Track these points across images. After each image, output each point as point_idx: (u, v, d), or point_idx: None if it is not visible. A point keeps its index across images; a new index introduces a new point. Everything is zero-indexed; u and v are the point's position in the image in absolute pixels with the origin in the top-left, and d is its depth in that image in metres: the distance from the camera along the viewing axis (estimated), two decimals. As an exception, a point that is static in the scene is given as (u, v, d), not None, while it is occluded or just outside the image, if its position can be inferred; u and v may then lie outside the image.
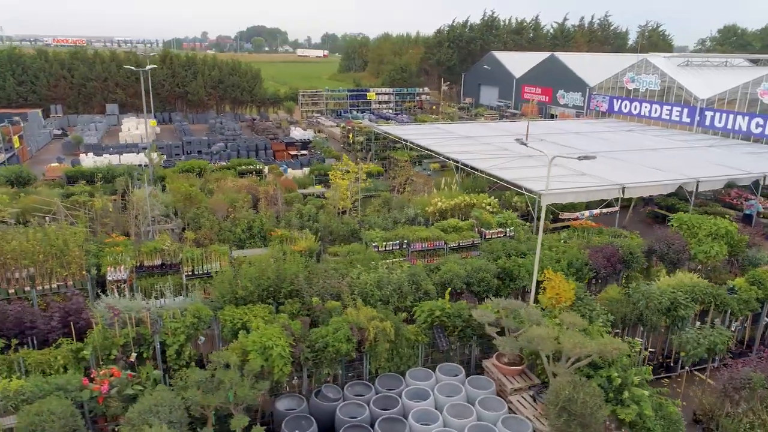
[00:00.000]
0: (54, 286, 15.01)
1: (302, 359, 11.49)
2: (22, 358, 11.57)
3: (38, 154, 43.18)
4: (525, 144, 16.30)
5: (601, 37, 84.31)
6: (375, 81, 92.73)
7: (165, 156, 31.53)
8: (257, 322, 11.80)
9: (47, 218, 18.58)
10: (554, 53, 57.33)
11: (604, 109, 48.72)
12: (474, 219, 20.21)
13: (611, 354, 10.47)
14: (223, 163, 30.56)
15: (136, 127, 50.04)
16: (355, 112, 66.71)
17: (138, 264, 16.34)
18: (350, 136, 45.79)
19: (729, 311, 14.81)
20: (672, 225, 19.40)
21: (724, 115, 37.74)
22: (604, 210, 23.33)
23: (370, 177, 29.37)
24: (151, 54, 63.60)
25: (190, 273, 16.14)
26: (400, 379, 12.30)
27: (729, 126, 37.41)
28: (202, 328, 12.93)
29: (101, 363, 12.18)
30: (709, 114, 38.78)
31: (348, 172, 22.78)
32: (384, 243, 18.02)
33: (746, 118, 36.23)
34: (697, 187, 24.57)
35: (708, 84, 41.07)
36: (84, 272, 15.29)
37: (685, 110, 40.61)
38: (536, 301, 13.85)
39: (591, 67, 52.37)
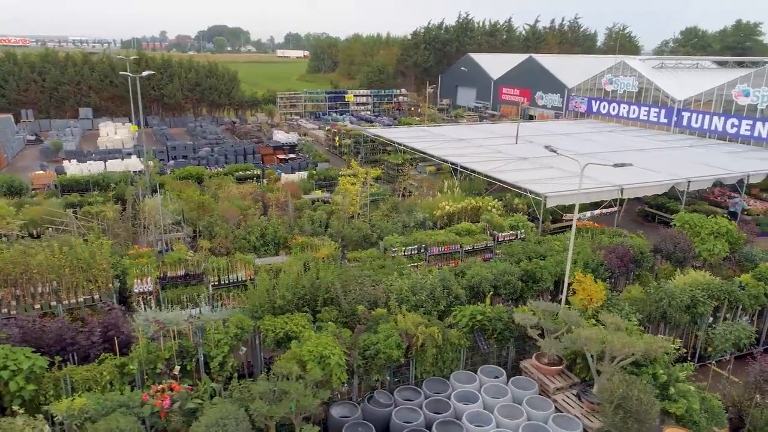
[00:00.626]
0: (80, 300, 14.77)
1: (355, 366, 11.66)
2: (68, 375, 11.40)
3: (14, 161, 41.85)
4: (555, 152, 16.69)
5: (571, 39, 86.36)
6: (351, 82, 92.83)
7: (161, 163, 31.00)
8: (309, 332, 11.90)
9: (59, 230, 18.17)
10: (532, 55, 58.51)
11: (582, 110, 50.03)
12: (485, 222, 20.64)
13: (656, 352, 11.00)
14: (220, 169, 30.25)
15: (115, 132, 48.97)
16: (334, 114, 66.74)
17: (161, 275, 16.19)
18: (336, 139, 45.86)
19: (740, 306, 15.60)
20: (675, 225, 20.22)
21: (701, 115, 39.30)
22: (604, 210, 24.13)
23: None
24: (118, 56, 62.28)
25: (216, 283, 16.08)
26: (445, 382, 12.60)
27: (705, 126, 38.98)
28: (244, 339, 12.97)
29: (146, 377, 12.12)
30: (686, 115, 40.32)
31: (356, 176, 22.93)
32: (403, 248, 18.27)
33: (722, 118, 37.81)
34: (688, 187, 25.63)
35: (683, 85, 42.66)
36: (110, 285, 15.08)
37: (663, 111, 42.11)
38: (567, 302, 14.33)
39: (569, 69, 53.69)
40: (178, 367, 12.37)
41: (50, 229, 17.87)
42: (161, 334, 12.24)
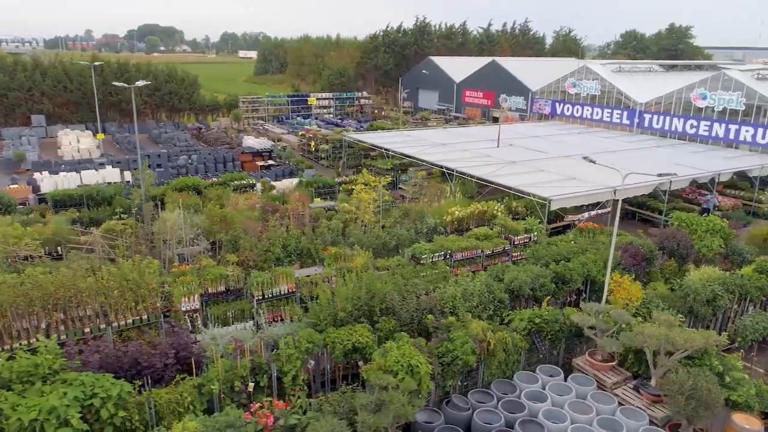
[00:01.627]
0: (129, 321, 14.50)
1: (436, 373, 12.15)
2: (152, 399, 11.31)
3: (-28, 174, 39.48)
4: (593, 162, 17.61)
5: (522, 42, 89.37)
6: (307, 85, 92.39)
7: (156, 174, 30.21)
8: (390, 343, 12.26)
9: (83, 249, 17.61)
10: (495, 59, 60.30)
11: (546, 112, 52.14)
12: (500, 226, 21.50)
13: (710, 345, 12.08)
14: (214, 179, 29.80)
15: (77, 141, 46.98)
16: (299, 118, 66.44)
17: (202, 292, 16.06)
18: (312, 144, 45.85)
19: (748, 298, 17.12)
20: (672, 223, 21.76)
21: (661, 117, 41.91)
22: (599, 211, 25.54)
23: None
24: (72, 60, 59.65)
25: (260, 297, 16.10)
26: (510, 383, 13.28)
27: (666, 127, 41.60)
28: (315, 353, 13.20)
29: (223, 396, 12.17)
30: (647, 116, 42.87)
31: (367, 185, 23.28)
32: (432, 255, 18.84)
33: (681, 120, 40.49)
34: (670, 186, 27.49)
35: (641, 88, 45.30)
36: (157, 305, 14.87)
37: (625, 113, 44.58)
38: (607, 301, 15.32)
39: (531, 72, 55.73)
40: (252, 384, 12.50)
41: (73, 249, 17.27)
42: (238, 352, 12.31)
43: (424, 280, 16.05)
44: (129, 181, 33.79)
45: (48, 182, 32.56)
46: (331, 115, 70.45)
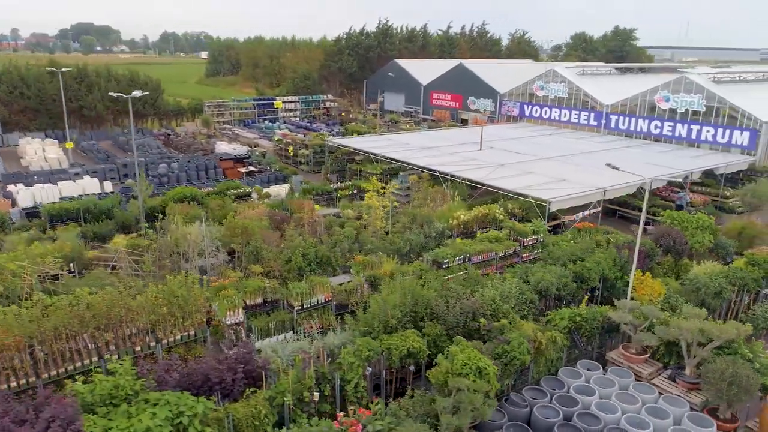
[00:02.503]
0: (177, 337, 14.51)
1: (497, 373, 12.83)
2: (231, 414, 11.49)
3: (-66, 187, 37.35)
4: (617, 168, 18.65)
5: (480, 44, 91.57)
6: (272, 88, 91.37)
7: (153, 185, 29.58)
8: (453, 347, 12.83)
9: (108, 265, 17.31)
10: (462, 62, 61.73)
11: (515, 113, 53.89)
12: (509, 229, 22.44)
13: (740, 335, 13.29)
14: (210, 188, 29.49)
15: (43, 150, 45.14)
16: (267, 122, 65.89)
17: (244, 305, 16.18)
18: (290, 149, 45.76)
19: (746, 289, 18.67)
20: (665, 222, 23.28)
21: (627, 118, 44.20)
22: (591, 211, 26.93)
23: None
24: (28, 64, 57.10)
25: (300, 307, 16.36)
26: (557, 379, 14.12)
27: (631, 128, 43.91)
28: (373, 360, 13.64)
29: (292, 407, 12.46)
30: (613, 118, 45.10)
31: (377, 192, 23.74)
32: (454, 259, 19.55)
33: (646, 121, 42.86)
34: (650, 185, 29.21)
35: (604, 90, 47.57)
36: (203, 320, 14.92)
37: (592, 114, 46.73)
38: (631, 297, 16.42)
39: (500, 75, 57.42)
40: (317, 394, 12.84)
41: (100, 266, 16.95)
42: (307, 362, 12.61)
43: (459, 284, 16.71)
44: (112, 192, 32.92)
45: (24, 195, 31.38)
46: (298, 119, 70.23)
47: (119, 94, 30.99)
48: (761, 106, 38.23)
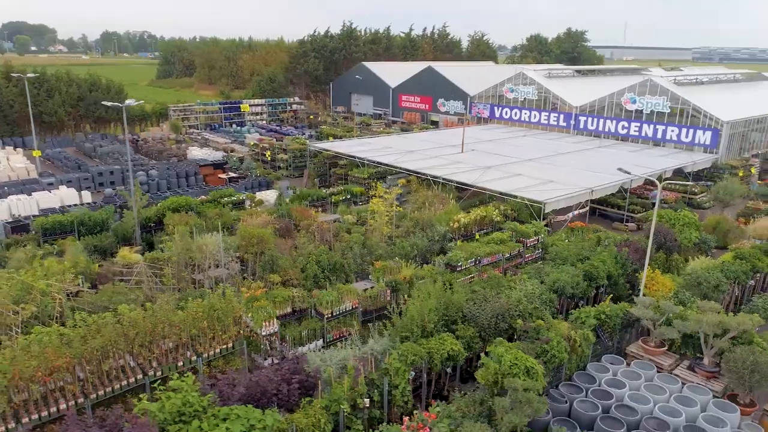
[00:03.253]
0: (216, 351, 14.49)
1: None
2: (294, 424, 11.67)
3: None
4: (628, 173, 19.56)
5: (441, 46, 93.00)
6: (231, 90, 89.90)
7: (149, 195, 28.87)
8: (499, 348, 13.38)
9: (127, 280, 17.00)
10: (431, 65, 62.65)
11: (485, 115, 55.21)
12: (511, 231, 23.24)
13: (754, 326, 14.42)
14: (204, 197, 29.07)
15: (7, 159, 43.16)
16: (235, 126, 65.00)
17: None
18: (267, 154, 45.45)
19: (737, 281, 20.08)
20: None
21: (595, 119, 46.10)
22: (581, 211, 28.14)
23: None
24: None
25: (329, 315, 16.57)
26: (586, 374, 14.89)
27: (600, 128, 45.84)
28: (418, 365, 14.05)
29: (347, 414, 12.73)
30: (582, 119, 46.95)
31: (381, 197, 24.08)
32: (467, 261, 20.16)
33: (614, 121, 44.84)
34: (631, 184, 30.78)
35: (571, 91, 49.45)
36: (241, 332, 14.95)
37: (562, 116, 48.47)
38: (643, 293, 17.44)
39: (468, 77, 58.66)
40: (367, 400, 13.17)
41: (121, 282, 16.62)
42: (360, 370, 12.90)
43: (480, 286, 17.31)
44: (95, 202, 32.00)
45: (3, 208, 30.17)
46: (265, 122, 69.60)
47: (115, 103, 29.80)
48: (720, 107, 40.70)
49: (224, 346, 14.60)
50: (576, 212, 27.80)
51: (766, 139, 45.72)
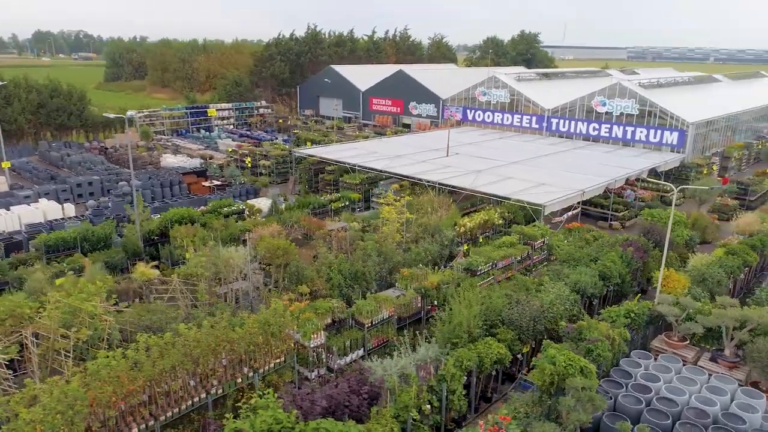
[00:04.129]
0: (271, 365, 14.61)
1: (587, 371, 14.26)
2: (372, 435, 12.00)
3: None
4: (642, 179, 20.56)
5: (404, 48, 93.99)
6: (183, 93, 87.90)
7: (150, 208, 28.13)
8: (551, 350, 14.08)
9: (161, 297, 16.78)
10: (402, 68, 63.31)
11: (458, 118, 56.38)
12: (518, 234, 24.12)
13: (769, 318, 15.72)
14: (204, 208, 28.64)
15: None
16: (204, 132, 63.78)
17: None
18: (247, 160, 44.99)
19: (732, 275, 21.60)
20: (647, 219, 26.06)
21: (567, 121, 47.95)
22: (574, 212, 29.39)
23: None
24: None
25: (369, 324, 16.90)
26: (623, 370, 15.81)
27: (571, 130, 47.71)
28: (470, 369, 14.61)
29: (414, 421, 13.16)
30: (554, 120, 48.72)
31: (391, 205, 24.48)
32: (486, 265, 20.87)
33: (585, 123, 46.77)
34: (615, 184, 32.35)
35: (541, 94, 51.22)
36: (291, 345, 15.10)
37: (534, 118, 50.13)
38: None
39: (439, 80, 59.71)
40: (428, 406, 13.65)
41: (158, 299, 16.38)
42: (425, 378, 13.33)
43: (510, 290, 18.04)
44: (83, 216, 31.00)
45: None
46: (232, 126, 68.60)
47: (118, 115, 28.91)
48: (683, 109, 43.18)
49: (277, 360, 14.75)
50: (570, 213, 29.04)
51: (722, 139, 48.76)
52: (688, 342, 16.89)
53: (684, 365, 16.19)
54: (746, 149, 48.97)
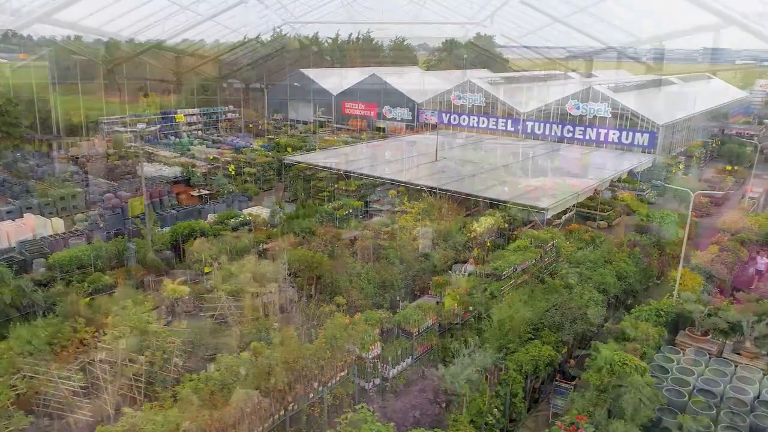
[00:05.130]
0: (337, 378, 14.91)
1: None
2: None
3: None
4: (662, 185, 21.80)
5: (367, 51, 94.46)
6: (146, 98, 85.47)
7: (160, 221, 27.46)
8: (606, 351, 14.96)
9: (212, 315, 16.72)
10: (375, 72, 63.74)
11: (433, 122, 57.39)
12: (530, 238, 25.12)
13: (785, 311, 17.22)
14: (211, 219, 28.27)
15: (-62, 185, 38.82)
16: (174, 138, 62.27)
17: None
18: (231, 167, 44.42)
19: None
20: (643, 219, 27.64)
21: (542, 124, 49.72)
22: (570, 214, 30.72)
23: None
24: None
25: (416, 332, 17.38)
26: (658, 364, 16.95)
27: (546, 132, 49.51)
28: (529, 372, 15.36)
29: (486, 424, 13.81)
30: (530, 123, 50.42)
31: (407, 213, 24.99)
32: (509, 269, 21.73)
33: (559, 126, 48.65)
34: (602, 186, 33.99)
35: (514, 97, 52.89)
36: (354, 357, 15.42)
37: (510, 121, 51.70)
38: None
39: (413, 84, 60.61)
40: (496, 410, 14.32)
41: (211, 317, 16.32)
42: (493, 384, 13.98)
43: (544, 293, 18.94)
44: (77, 231, 30.00)
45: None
46: (200, 132, 67.27)
47: (131, 130, 27.96)
48: (651, 111, 45.63)
49: (342, 373, 15.07)
50: (567, 215, 30.38)
51: (684, 138, 51.72)
52: (710, 336, 18.22)
53: (710, 358, 17.50)
54: (704, 148, 52.17)
